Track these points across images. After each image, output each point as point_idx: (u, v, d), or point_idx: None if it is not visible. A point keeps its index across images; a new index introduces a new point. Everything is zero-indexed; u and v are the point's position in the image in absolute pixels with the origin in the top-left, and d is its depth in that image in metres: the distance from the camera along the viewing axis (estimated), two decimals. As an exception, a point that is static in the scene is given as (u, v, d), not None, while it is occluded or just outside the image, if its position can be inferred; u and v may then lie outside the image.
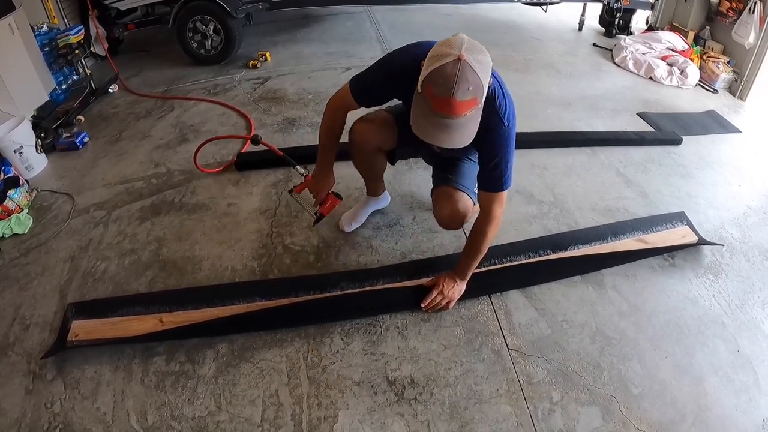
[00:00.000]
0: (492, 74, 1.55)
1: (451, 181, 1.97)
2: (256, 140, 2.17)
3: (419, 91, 1.45)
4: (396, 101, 1.96)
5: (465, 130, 1.48)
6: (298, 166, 2.14)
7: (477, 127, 1.51)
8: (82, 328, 1.97)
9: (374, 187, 2.41)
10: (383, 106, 2.01)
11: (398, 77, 1.67)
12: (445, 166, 2.05)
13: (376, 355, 1.84)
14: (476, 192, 1.94)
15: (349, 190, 2.63)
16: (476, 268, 2.02)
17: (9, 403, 1.74)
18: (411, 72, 1.52)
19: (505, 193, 1.77)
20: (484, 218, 1.80)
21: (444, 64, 1.35)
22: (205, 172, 2.92)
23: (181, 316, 2.00)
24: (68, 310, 2.05)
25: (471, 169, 2.00)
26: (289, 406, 1.69)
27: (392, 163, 2.31)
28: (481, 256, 1.89)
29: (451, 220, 1.96)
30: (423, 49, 1.54)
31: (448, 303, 1.98)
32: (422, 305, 1.98)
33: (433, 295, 1.97)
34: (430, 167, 2.21)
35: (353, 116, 1.97)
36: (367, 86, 1.82)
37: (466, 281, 1.99)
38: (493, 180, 1.73)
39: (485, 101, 1.52)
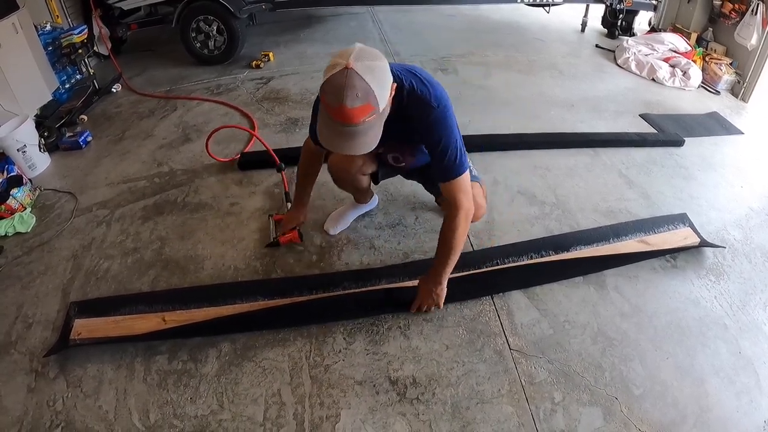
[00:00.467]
0: (407, 69, 1.61)
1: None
2: (280, 169, 2.17)
3: (321, 99, 1.47)
4: None
5: (366, 137, 1.47)
6: (289, 203, 2.47)
7: (380, 133, 1.50)
8: (84, 327, 1.98)
9: (361, 197, 2.42)
10: None
11: None
12: (427, 175, 2.06)
13: (379, 355, 1.85)
14: (473, 173, 1.97)
15: (334, 192, 2.59)
16: (478, 269, 2.01)
17: (11, 401, 1.75)
18: None
19: (465, 178, 1.71)
20: (450, 211, 1.74)
21: (333, 74, 1.37)
22: (217, 159, 2.98)
23: (184, 315, 2.01)
24: (71, 309, 2.05)
25: None
26: (291, 405, 1.70)
27: (376, 183, 2.33)
28: (456, 254, 1.81)
29: (476, 209, 1.90)
30: None
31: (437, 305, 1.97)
32: (411, 311, 1.99)
33: (418, 304, 1.96)
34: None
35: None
36: (313, 117, 1.82)
37: (444, 284, 1.92)
38: (447, 167, 1.69)
39: (409, 95, 1.58)
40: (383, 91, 1.42)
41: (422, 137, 1.70)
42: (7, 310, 2.12)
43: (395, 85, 1.52)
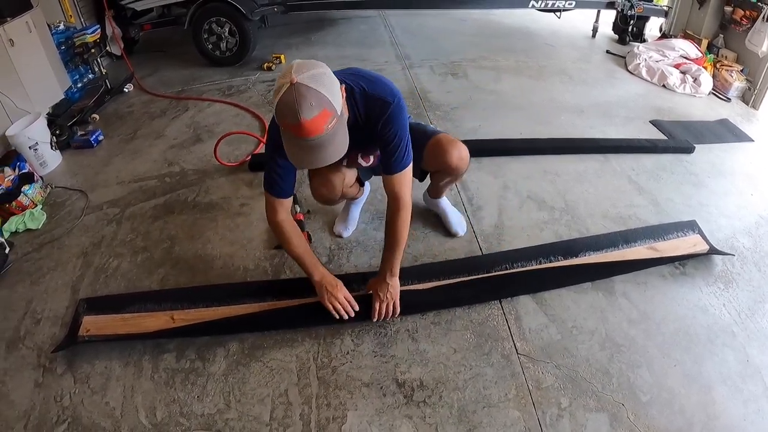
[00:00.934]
0: (351, 72, 1.66)
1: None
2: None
3: (280, 127, 1.47)
4: None
5: (334, 144, 1.48)
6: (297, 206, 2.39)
7: (346, 136, 1.52)
8: (93, 324, 2.00)
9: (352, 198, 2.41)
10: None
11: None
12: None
13: (386, 357, 1.85)
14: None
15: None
16: (487, 273, 2.01)
17: (18, 396, 1.77)
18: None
19: (408, 170, 1.78)
20: (394, 204, 1.80)
21: (282, 94, 1.38)
22: (225, 165, 2.98)
23: (193, 313, 2.02)
24: (80, 306, 2.07)
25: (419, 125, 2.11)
26: (298, 405, 1.70)
27: (362, 184, 2.35)
28: (402, 244, 1.86)
29: (461, 159, 2.01)
30: None
31: (394, 306, 1.93)
32: (374, 320, 1.95)
33: (377, 308, 1.92)
34: None
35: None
36: (273, 170, 1.75)
37: (396, 276, 1.92)
38: (395, 161, 1.73)
39: (362, 96, 1.63)
40: (334, 94, 1.43)
41: (379, 133, 1.71)
42: (16, 305, 2.15)
43: (343, 86, 1.54)
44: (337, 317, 1.90)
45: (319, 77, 1.41)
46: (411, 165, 1.78)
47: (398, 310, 1.94)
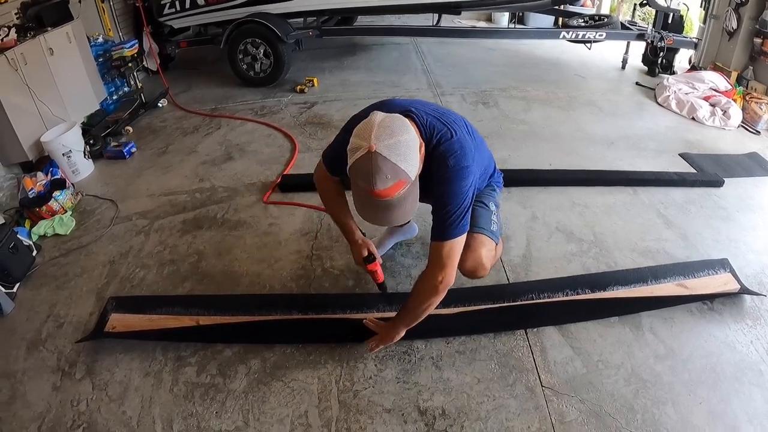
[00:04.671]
0: (433, 114, 1.60)
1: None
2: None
3: (351, 178, 1.44)
4: None
5: (403, 207, 1.46)
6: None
7: (417, 200, 1.50)
8: (120, 321, 2.05)
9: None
10: None
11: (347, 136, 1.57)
12: None
13: (409, 384, 1.83)
14: (493, 230, 1.91)
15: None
16: (513, 301, 1.97)
17: (35, 397, 1.80)
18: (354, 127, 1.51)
19: (457, 242, 1.63)
20: (431, 270, 1.67)
21: (358, 158, 1.36)
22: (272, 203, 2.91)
23: (218, 320, 2.05)
24: (108, 303, 2.13)
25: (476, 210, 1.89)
26: (317, 428, 1.69)
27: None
28: (418, 317, 1.78)
29: (476, 269, 1.87)
30: (373, 110, 1.57)
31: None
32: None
33: (372, 346, 1.90)
34: None
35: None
36: (335, 152, 1.76)
37: (401, 335, 1.87)
38: (444, 228, 1.61)
39: (434, 150, 1.55)
40: (411, 163, 1.41)
41: (433, 187, 1.62)
42: (39, 307, 2.20)
43: (423, 145, 1.51)
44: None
45: (398, 147, 1.37)
46: (462, 237, 1.63)
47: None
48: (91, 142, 3.38)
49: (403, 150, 1.39)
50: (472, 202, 1.64)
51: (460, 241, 1.63)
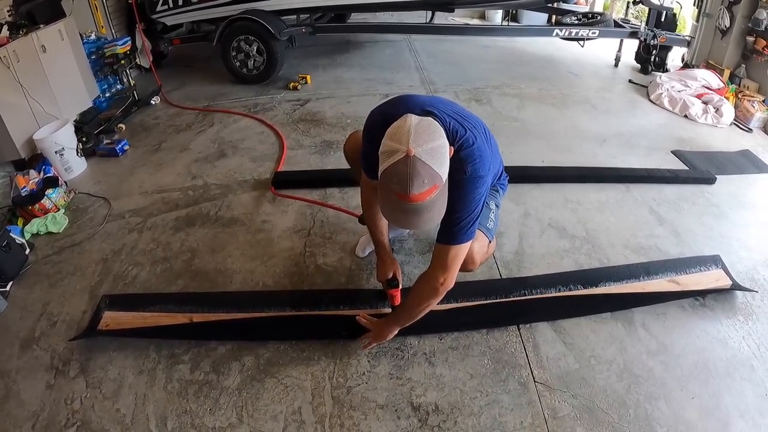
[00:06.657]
0: (457, 117, 1.60)
1: None
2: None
3: (380, 182, 1.42)
4: None
5: (435, 209, 1.44)
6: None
7: (445, 203, 1.48)
8: (113, 319, 2.04)
9: None
10: None
11: (375, 135, 1.55)
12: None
13: (402, 380, 1.84)
14: (489, 227, 1.92)
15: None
16: (506, 297, 1.98)
17: (28, 396, 1.79)
18: (381, 127, 1.50)
19: (463, 247, 1.64)
20: (433, 272, 1.68)
21: (395, 162, 1.34)
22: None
23: (212, 317, 2.05)
24: (102, 301, 2.12)
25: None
26: (311, 424, 1.70)
27: None
28: (414, 317, 1.80)
29: (465, 262, 1.80)
30: (396, 109, 1.56)
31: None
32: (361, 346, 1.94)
33: (365, 343, 1.92)
34: None
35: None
36: (368, 161, 1.76)
37: (395, 333, 1.90)
38: (452, 232, 1.62)
39: (455, 154, 1.52)
40: (445, 168, 1.40)
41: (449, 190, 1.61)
42: (33, 306, 2.19)
43: (452, 149, 1.50)
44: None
45: (436, 151, 1.37)
46: (468, 243, 1.65)
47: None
48: (84, 139, 3.36)
49: (441, 154, 1.38)
50: (482, 211, 1.65)
51: (465, 247, 1.65)
